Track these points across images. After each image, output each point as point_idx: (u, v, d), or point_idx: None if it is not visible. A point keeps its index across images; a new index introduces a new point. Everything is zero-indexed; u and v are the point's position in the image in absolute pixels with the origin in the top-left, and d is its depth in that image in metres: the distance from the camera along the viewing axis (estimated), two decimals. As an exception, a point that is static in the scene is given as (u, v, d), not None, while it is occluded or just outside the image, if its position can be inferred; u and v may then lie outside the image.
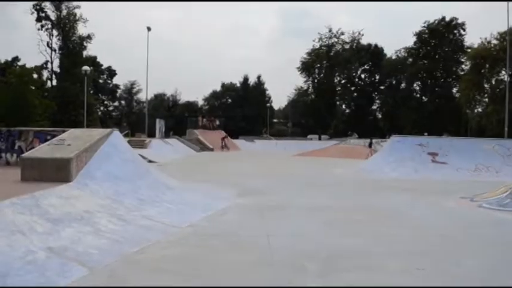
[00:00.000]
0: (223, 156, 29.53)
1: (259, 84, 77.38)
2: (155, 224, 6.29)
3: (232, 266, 4.52)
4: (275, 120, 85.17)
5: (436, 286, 3.99)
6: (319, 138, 58.41)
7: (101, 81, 67.87)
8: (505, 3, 36.35)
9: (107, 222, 5.79)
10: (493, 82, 47.82)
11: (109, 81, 70.05)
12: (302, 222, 6.98)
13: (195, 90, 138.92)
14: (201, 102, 79.51)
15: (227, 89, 78.26)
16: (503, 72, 44.21)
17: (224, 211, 7.82)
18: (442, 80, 59.36)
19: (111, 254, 4.73)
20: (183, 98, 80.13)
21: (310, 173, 17.14)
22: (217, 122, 47.99)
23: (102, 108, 69.66)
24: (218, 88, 79.07)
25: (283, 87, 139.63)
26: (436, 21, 58.18)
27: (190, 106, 76.16)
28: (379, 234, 6.24)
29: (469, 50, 53.46)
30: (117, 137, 9.29)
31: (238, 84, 77.50)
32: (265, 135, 59.11)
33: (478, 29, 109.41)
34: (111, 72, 69.36)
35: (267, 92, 78.80)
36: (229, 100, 77.79)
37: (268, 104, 75.47)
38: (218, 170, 17.96)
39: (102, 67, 67.48)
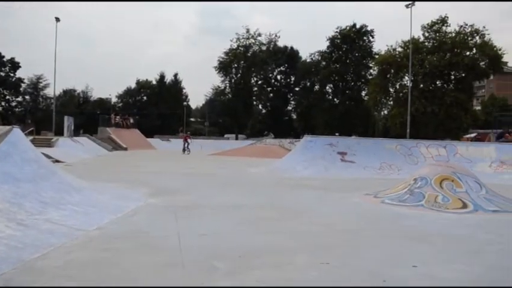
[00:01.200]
0: (139, 156, 28.59)
1: (176, 82, 76.21)
2: (59, 227, 5.87)
3: (140, 269, 4.36)
4: (192, 119, 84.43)
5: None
6: (236, 138, 58.86)
7: (2, 74, 62.48)
8: (408, 14, 39.01)
9: (4, 228, 5.28)
10: (397, 86, 51.24)
11: (12, 75, 64.59)
12: (215, 222, 6.94)
13: (108, 87, 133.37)
14: (114, 100, 76.38)
15: (142, 86, 75.94)
16: (406, 77, 47.56)
17: (134, 212, 7.53)
18: (352, 83, 62.62)
19: (8, 261, 4.32)
20: (95, 94, 76.53)
21: (226, 172, 17.14)
22: (132, 120, 46.31)
23: (3, 103, 64.28)
24: (133, 85, 76.52)
25: (200, 85, 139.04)
26: (348, 28, 61.23)
27: (103, 103, 72.82)
28: (290, 231, 6.39)
29: (376, 56, 56.81)
30: (17, 135, 8.52)
31: (154, 82, 75.56)
32: (181, 134, 58.31)
33: (385, 37, 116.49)
34: (14, 65, 63.96)
35: (184, 91, 77.97)
36: (145, 98, 75.60)
37: (185, 103, 74.57)
38: (131, 169, 17.31)
39: (4, 59, 62.15)
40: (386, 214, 8.00)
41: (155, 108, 68.94)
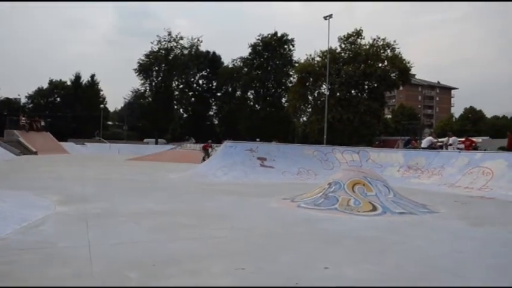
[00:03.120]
0: (50, 161, 26.82)
1: (93, 83, 72.99)
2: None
3: (46, 282, 4.04)
4: (110, 123, 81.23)
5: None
6: (156, 143, 57.61)
7: None
8: (327, 25, 40.61)
9: None
10: (316, 94, 53.24)
11: None
12: (129, 230, 6.65)
13: (17, 87, 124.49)
14: (24, 100, 71.32)
15: (56, 86, 71.73)
16: (324, 86, 49.55)
17: (42, 221, 6.99)
18: (273, 90, 64.04)
19: None
20: (2, 94, 70.96)
21: (144, 178, 16.60)
22: (43, 123, 43.43)
23: None
24: (45, 85, 71.99)
25: (120, 88, 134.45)
26: (270, 35, 62.54)
27: (11, 104, 67.65)
28: (208, 237, 6.30)
29: (296, 65, 58.60)
30: None
31: (69, 83, 71.69)
32: (97, 138, 55.82)
33: (305, 46, 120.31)
34: None
35: (102, 92, 74.86)
36: (58, 99, 71.46)
37: (102, 105, 71.52)
38: (40, 175, 16.17)
39: None
40: (302, 218, 8.17)
41: (70, 111, 65.36)
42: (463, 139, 25.60)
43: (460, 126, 75.65)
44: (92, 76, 73.00)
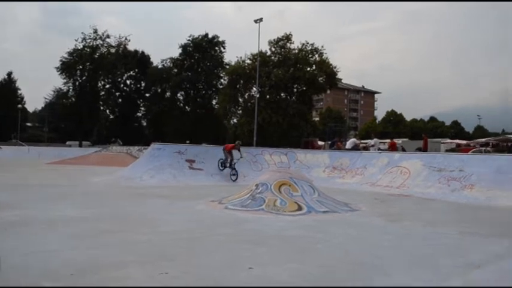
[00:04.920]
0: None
1: (10, 82, 68.28)
2: None
3: None
4: (29, 124, 76.40)
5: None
6: (80, 145, 55.04)
7: None
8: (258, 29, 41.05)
9: None
10: (246, 97, 53.59)
11: None
12: (47, 238, 6.24)
13: None
14: None
15: (-34, 85, 66.34)
16: (254, 88, 50.03)
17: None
18: (204, 92, 63.62)
19: None
20: None
21: (65, 183, 15.72)
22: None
23: None
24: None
25: (41, 88, 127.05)
26: (200, 37, 62.11)
27: None
28: (131, 242, 6.07)
29: (227, 67, 58.66)
30: None
31: (-19, 80, 66.58)
32: (14, 141, 52.28)
33: (236, 49, 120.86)
34: None
35: (20, 92, 70.22)
36: (-31, 98, 66.07)
37: (20, 106, 67.02)
38: None
39: None
40: (229, 219, 8.16)
41: (-18, 111, 60.68)
42: (388, 140, 27.03)
43: (382, 128, 79.82)
44: (9, 74, 68.45)
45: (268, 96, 50.15)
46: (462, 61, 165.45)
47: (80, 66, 61.07)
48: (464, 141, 50.03)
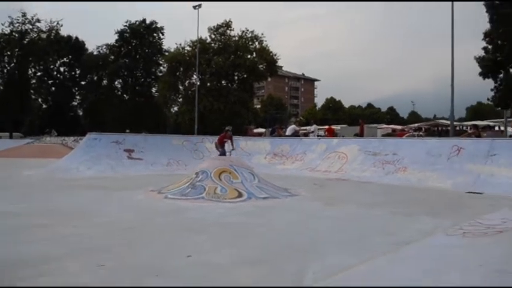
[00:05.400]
0: None
1: None
2: None
3: None
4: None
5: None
6: (10, 137, 51.95)
7: None
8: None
9: None
10: (186, 84, 52.92)
11: None
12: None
13: None
14: None
15: None
16: (195, 76, 49.48)
17: None
18: (143, 80, 62.00)
19: None
20: None
21: (-7, 176, 14.78)
22: None
23: None
24: None
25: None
26: (138, 22, 60.25)
27: None
28: (64, 235, 5.83)
29: (166, 54, 57.47)
30: None
31: None
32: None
33: (175, 35, 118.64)
34: None
35: None
36: None
37: None
38: None
39: None
40: (168, 209, 8.06)
41: None
42: (327, 127, 27.77)
43: (322, 115, 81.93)
44: None
45: (209, 84, 49.84)
46: (398, 49, 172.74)
47: (8, 53, 57.29)
48: (399, 127, 52.48)
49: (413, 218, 7.29)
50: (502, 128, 34.19)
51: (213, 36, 51.84)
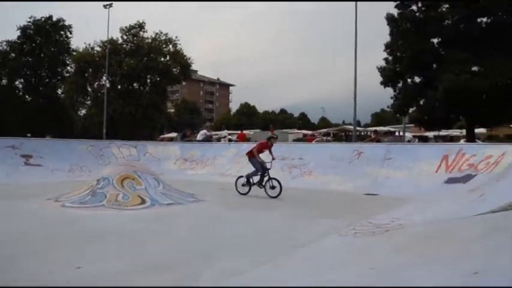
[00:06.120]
0: None
1: None
2: None
3: None
4: None
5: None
6: None
7: None
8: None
9: None
10: (95, 86, 50.64)
11: None
12: None
13: None
14: None
15: None
16: (104, 77, 47.52)
17: None
18: (48, 80, 58.15)
19: None
20: None
21: None
22: None
23: None
24: None
25: None
26: (43, 19, 56.52)
27: None
28: None
29: (74, 53, 54.53)
30: None
31: None
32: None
33: (84, 35, 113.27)
34: None
35: None
36: None
37: None
38: None
39: None
40: (64, 218, 7.65)
41: None
42: (239, 132, 28.10)
43: (237, 120, 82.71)
44: None
45: (119, 87, 48.19)
46: (310, 56, 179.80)
47: None
48: (309, 132, 54.56)
49: (313, 220, 7.61)
50: (402, 133, 37.12)
51: (125, 37, 50.22)
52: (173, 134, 42.55)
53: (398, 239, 5.72)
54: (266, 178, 11.14)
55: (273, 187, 10.96)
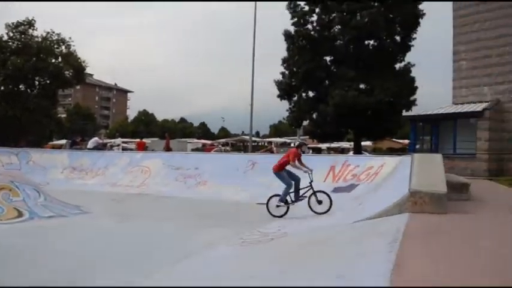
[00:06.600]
0: None
1: None
2: None
3: None
4: None
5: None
6: None
7: None
8: None
9: None
10: (-26, 86, 45.85)
11: None
12: None
13: None
14: None
15: None
16: (-15, 77, 43.23)
17: None
18: None
19: None
20: None
21: None
22: None
23: None
24: None
25: None
26: None
27: None
28: None
29: None
30: None
31: None
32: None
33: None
34: None
35: None
36: None
37: None
38: None
39: None
40: None
41: None
42: (137, 140, 27.31)
43: (134, 127, 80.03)
44: None
45: (3, 88, 44.07)
46: (212, 66, 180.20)
47: None
48: (209, 141, 54.70)
49: (203, 230, 7.64)
50: (297, 145, 38.72)
51: (11, 34, 46.14)
52: (63, 141, 39.91)
53: (281, 247, 5.98)
54: (310, 192, 9.58)
55: (319, 202, 9.40)
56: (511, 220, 6.88)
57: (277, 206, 9.73)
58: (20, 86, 45.69)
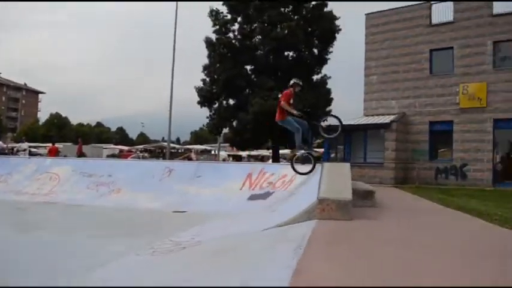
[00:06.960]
0: None
1: None
2: None
3: None
4: None
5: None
6: None
7: None
8: None
9: None
10: None
11: None
12: None
13: None
14: None
15: None
16: None
17: None
18: None
19: None
20: None
21: None
22: None
23: None
24: None
25: None
26: None
27: None
28: None
29: None
30: None
31: None
32: None
33: None
34: None
35: None
36: None
37: None
38: None
39: None
40: None
41: None
42: (50, 145, 25.72)
43: (45, 131, 75.35)
44: None
45: None
46: (131, 71, 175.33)
47: None
48: (126, 147, 52.96)
49: (112, 240, 7.35)
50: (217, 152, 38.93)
51: None
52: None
53: (192, 256, 5.94)
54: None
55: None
56: (413, 225, 7.40)
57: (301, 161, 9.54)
58: None
